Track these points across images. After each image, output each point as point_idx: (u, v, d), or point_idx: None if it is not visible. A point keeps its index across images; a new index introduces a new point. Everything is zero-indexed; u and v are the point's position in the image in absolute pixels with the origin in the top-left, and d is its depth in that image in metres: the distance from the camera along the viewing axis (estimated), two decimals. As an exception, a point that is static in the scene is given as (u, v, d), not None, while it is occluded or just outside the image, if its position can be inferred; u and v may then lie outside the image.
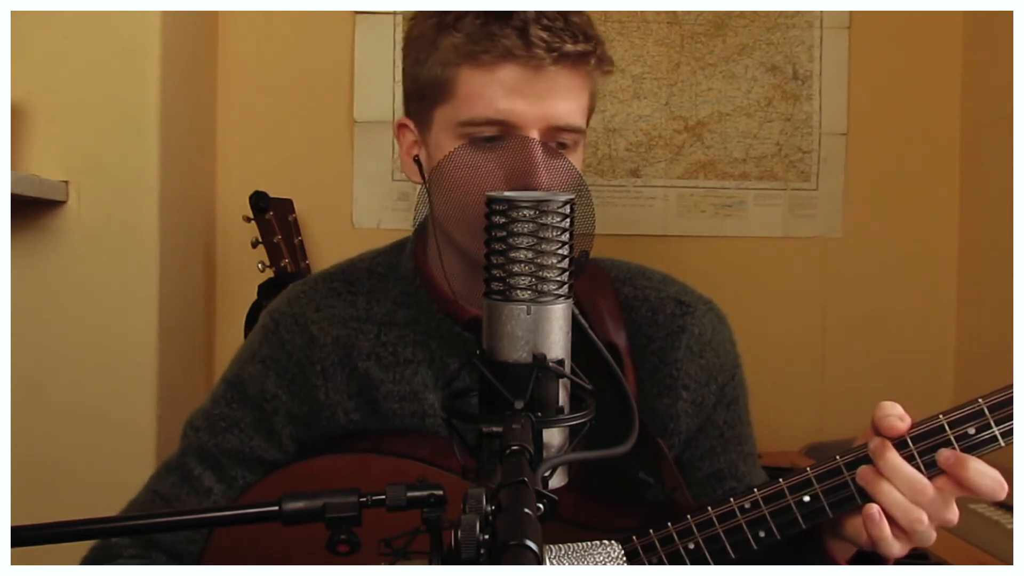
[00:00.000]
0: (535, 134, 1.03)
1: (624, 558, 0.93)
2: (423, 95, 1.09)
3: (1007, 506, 1.69)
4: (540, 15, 1.03)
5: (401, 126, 1.16)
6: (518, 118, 1.03)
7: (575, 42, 1.03)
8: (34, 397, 1.83)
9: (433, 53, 1.07)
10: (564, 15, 1.04)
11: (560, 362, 0.69)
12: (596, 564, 0.90)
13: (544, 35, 1.02)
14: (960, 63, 2.33)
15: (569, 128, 1.06)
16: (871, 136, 2.33)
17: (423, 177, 1.13)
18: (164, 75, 1.86)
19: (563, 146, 1.07)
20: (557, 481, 0.69)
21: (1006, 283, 1.88)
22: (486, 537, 0.55)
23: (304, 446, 1.17)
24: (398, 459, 1.09)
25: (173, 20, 1.91)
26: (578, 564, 0.89)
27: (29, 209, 1.80)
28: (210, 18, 2.21)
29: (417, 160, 1.13)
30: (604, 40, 1.09)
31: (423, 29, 1.09)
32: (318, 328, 1.16)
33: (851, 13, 2.32)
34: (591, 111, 1.12)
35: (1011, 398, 0.94)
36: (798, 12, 2.32)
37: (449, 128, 1.07)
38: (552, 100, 1.04)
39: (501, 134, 1.04)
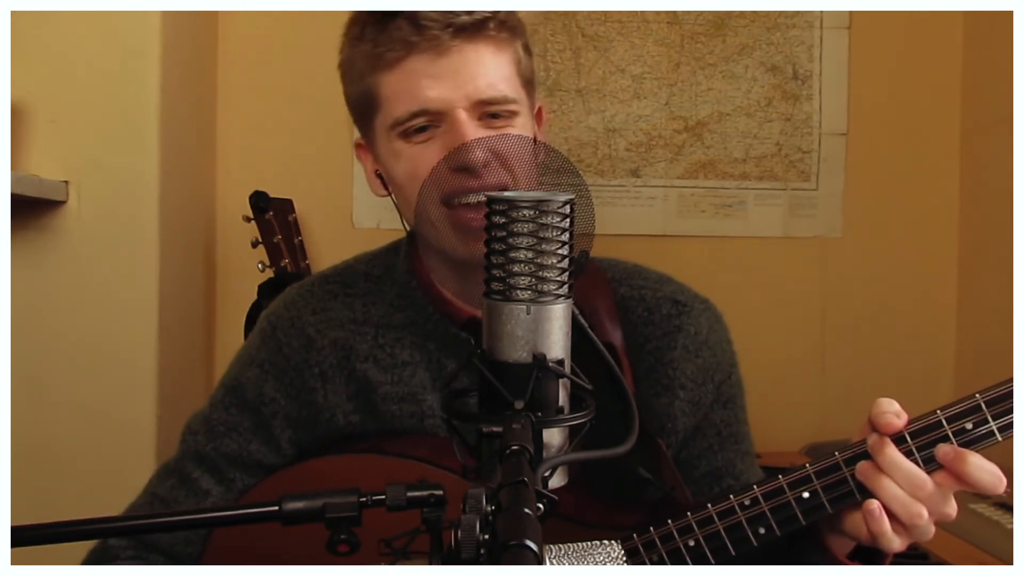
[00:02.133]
0: (461, 114, 1.04)
1: (624, 558, 0.93)
2: (361, 113, 1.12)
3: (1007, 506, 1.69)
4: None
5: (358, 146, 1.19)
6: (439, 103, 1.04)
7: (469, 13, 1.04)
8: (34, 397, 1.82)
9: (353, 69, 1.11)
10: None
11: (560, 362, 0.69)
12: (596, 564, 0.90)
13: (433, 14, 1.03)
14: (960, 63, 2.33)
15: (496, 99, 1.06)
16: (871, 136, 2.33)
17: (386, 189, 1.15)
18: (164, 75, 1.86)
19: (495, 116, 1.07)
20: (557, 481, 0.69)
21: (1006, 283, 1.88)
22: (486, 537, 0.55)
23: (303, 449, 1.17)
24: (397, 459, 1.09)
25: (173, 20, 1.91)
26: (578, 564, 0.89)
27: (29, 209, 1.80)
28: (210, 18, 2.21)
29: (379, 175, 1.15)
30: (508, 6, 1.09)
31: (344, 51, 1.13)
32: (315, 331, 1.16)
33: (851, 13, 2.32)
34: (525, 79, 1.12)
35: (1008, 393, 0.95)
36: (798, 12, 2.32)
37: (387, 134, 1.09)
38: (468, 76, 1.04)
39: (429, 123, 1.05)
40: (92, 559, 1.16)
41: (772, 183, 2.32)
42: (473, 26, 1.04)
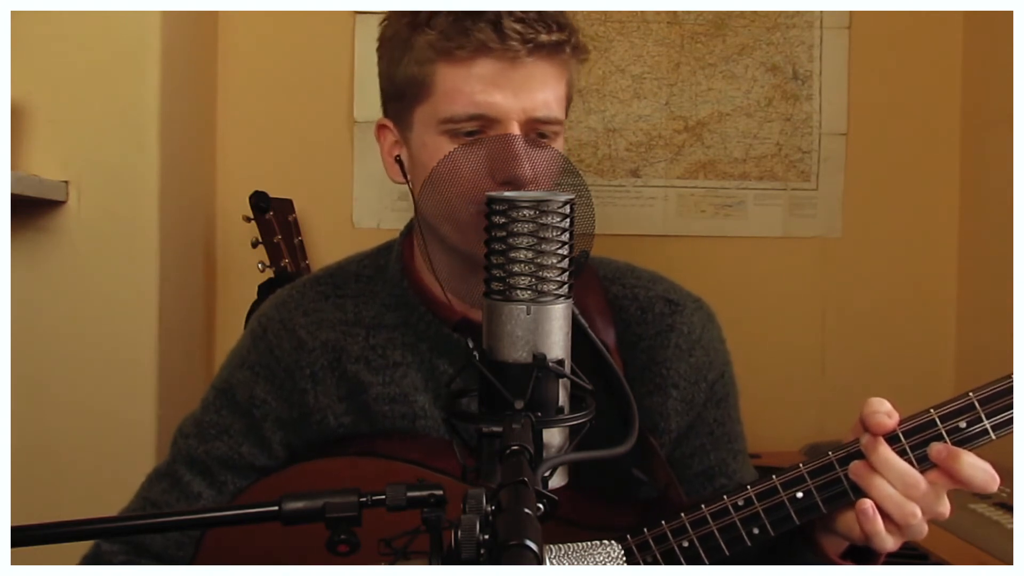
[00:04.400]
0: (515, 127, 1.04)
1: (624, 558, 0.93)
2: (401, 95, 1.10)
3: (1007, 506, 1.69)
4: (514, 10, 1.03)
5: (381, 127, 1.16)
6: (497, 111, 1.03)
7: (549, 32, 1.04)
8: (34, 397, 1.82)
9: (408, 52, 1.07)
10: (538, 11, 1.05)
11: (560, 362, 0.69)
12: (596, 564, 0.90)
13: (518, 27, 1.02)
14: (960, 63, 2.33)
15: (549, 119, 1.06)
16: (871, 136, 2.33)
17: (405, 177, 1.13)
18: (164, 75, 1.86)
19: (543, 136, 1.07)
20: (557, 481, 0.69)
21: (1006, 283, 1.87)
22: (486, 537, 0.55)
23: (294, 451, 1.17)
24: (390, 461, 1.09)
25: (173, 20, 1.91)
26: (578, 564, 0.89)
27: (29, 209, 1.80)
28: (210, 18, 2.21)
29: (399, 160, 1.14)
30: (577, 28, 1.09)
31: (396, 29, 1.10)
32: (306, 332, 1.16)
33: (851, 13, 2.32)
34: (569, 100, 1.12)
35: (1001, 391, 0.95)
36: (798, 12, 2.32)
37: (430, 126, 1.07)
38: (530, 92, 1.04)
39: (481, 128, 1.04)
40: (85, 564, 1.16)
41: (772, 183, 2.32)
42: (551, 46, 1.04)
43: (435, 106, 1.06)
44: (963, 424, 0.95)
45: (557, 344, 0.69)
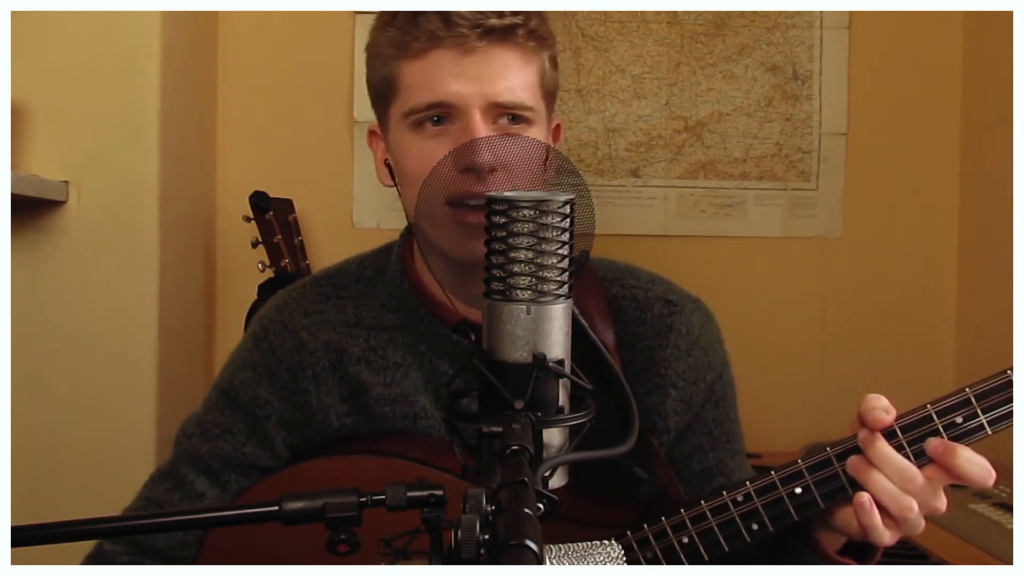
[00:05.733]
0: (476, 113, 1.04)
1: (624, 558, 0.93)
2: (378, 97, 1.12)
3: (1007, 506, 1.69)
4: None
5: (371, 133, 1.18)
6: (456, 99, 1.04)
7: (500, 17, 1.04)
8: (34, 397, 1.82)
9: (378, 55, 1.10)
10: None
11: (560, 362, 0.69)
12: (596, 564, 0.90)
13: (466, 14, 1.03)
14: (960, 63, 2.33)
15: (514, 104, 1.06)
16: (871, 136, 2.33)
17: (393, 180, 1.14)
18: (164, 75, 1.86)
19: (515, 122, 1.07)
20: (557, 481, 0.69)
21: (1006, 283, 1.88)
22: (486, 537, 0.55)
23: (297, 451, 1.17)
24: (391, 460, 1.09)
25: (173, 20, 1.91)
26: (578, 564, 0.89)
27: (29, 209, 1.80)
28: (210, 18, 2.21)
29: (387, 164, 1.15)
30: (542, 15, 1.09)
31: (372, 36, 1.13)
32: (308, 333, 1.16)
33: (851, 13, 2.32)
34: (547, 89, 1.12)
35: (997, 386, 0.96)
36: (798, 12, 2.32)
37: (401, 123, 1.08)
38: (489, 78, 1.04)
39: (444, 117, 1.05)
40: (87, 563, 1.16)
41: (772, 183, 2.32)
42: (502, 30, 1.05)
43: (402, 102, 1.08)
44: (959, 419, 0.96)
45: (557, 344, 0.69)
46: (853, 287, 2.35)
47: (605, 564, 0.90)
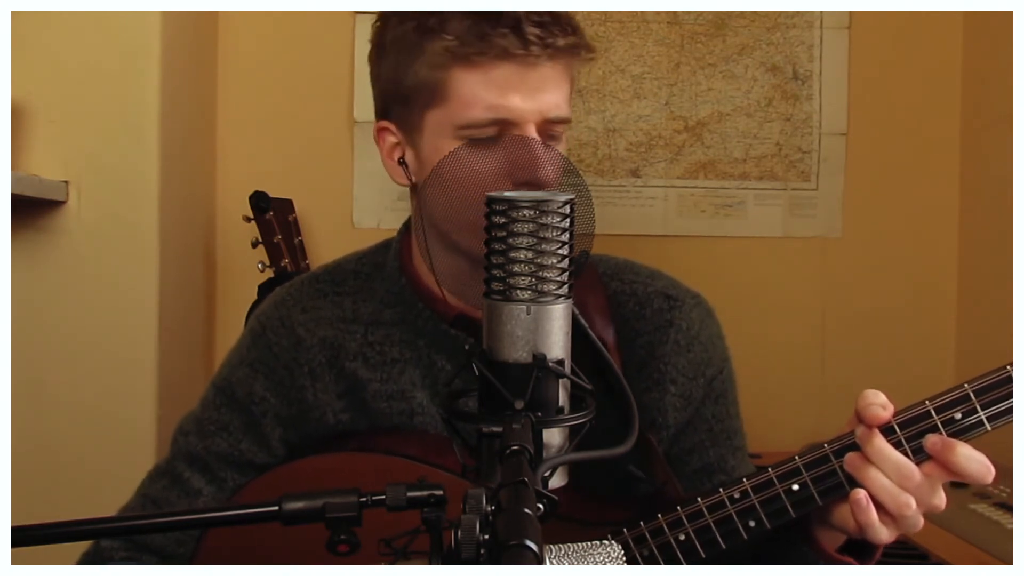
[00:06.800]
0: (532, 129, 1.04)
1: (624, 558, 0.93)
2: (408, 99, 1.09)
3: (1007, 506, 1.69)
4: (528, 12, 1.03)
5: (381, 130, 1.15)
6: (515, 115, 1.04)
7: (565, 36, 1.04)
8: (34, 397, 1.82)
9: (419, 57, 1.06)
10: (550, 12, 1.05)
11: (560, 362, 0.69)
12: (596, 564, 0.90)
13: (537, 31, 1.02)
14: (960, 63, 2.33)
15: (560, 119, 1.07)
16: (871, 136, 2.33)
17: (410, 179, 1.13)
18: (164, 75, 1.86)
19: (553, 137, 1.07)
20: (557, 481, 0.69)
21: (1006, 283, 1.88)
22: (486, 537, 0.55)
23: (293, 448, 1.17)
24: (389, 457, 1.09)
25: (173, 20, 1.91)
26: (578, 564, 0.89)
27: (29, 209, 1.80)
28: (210, 18, 2.21)
29: (402, 162, 1.13)
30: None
31: (400, 33, 1.08)
32: (304, 330, 1.16)
33: (851, 13, 2.32)
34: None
35: (996, 382, 0.95)
36: (798, 12, 2.32)
37: (446, 131, 1.06)
38: (544, 94, 1.04)
39: (499, 132, 1.04)
40: (85, 561, 1.16)
41: (772, 183, 2.32)
42: (567, 49, 1.05)
43: (451, 111, 1.05)
44: (958, 415, 0.95)
45: (557, 344, 0.69)
46: (853, 287, 2.35)
47: (605, 564, 0.90)
